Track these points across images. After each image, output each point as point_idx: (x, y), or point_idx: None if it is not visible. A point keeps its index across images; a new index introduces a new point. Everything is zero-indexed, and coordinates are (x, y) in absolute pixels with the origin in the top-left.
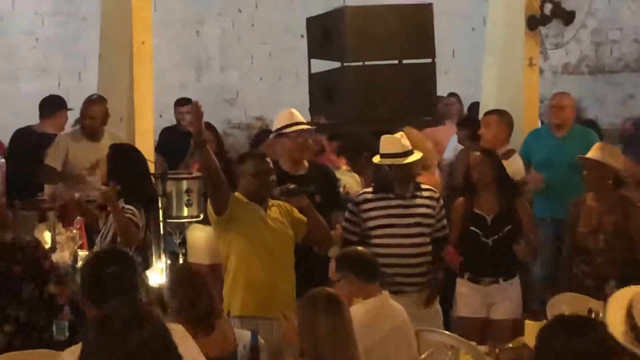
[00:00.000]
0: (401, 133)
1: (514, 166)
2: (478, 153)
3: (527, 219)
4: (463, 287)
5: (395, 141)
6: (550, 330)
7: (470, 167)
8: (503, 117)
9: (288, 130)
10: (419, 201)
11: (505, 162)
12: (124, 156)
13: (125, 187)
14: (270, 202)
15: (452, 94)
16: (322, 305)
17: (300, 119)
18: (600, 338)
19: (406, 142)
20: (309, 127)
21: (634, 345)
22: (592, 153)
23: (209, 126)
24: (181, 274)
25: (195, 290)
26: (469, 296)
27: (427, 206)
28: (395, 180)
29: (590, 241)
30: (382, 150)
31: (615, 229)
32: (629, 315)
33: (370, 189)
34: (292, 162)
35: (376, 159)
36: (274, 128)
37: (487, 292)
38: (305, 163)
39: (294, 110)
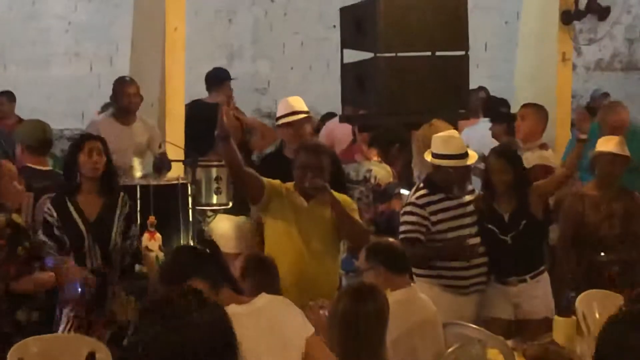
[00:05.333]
0: (454, 131)
1: (549, 157)
2: (495, 158)
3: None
4: (490, 289)
5: (455, 141)
6: (614, 324)
7: (489, 171)
8: (540, 110)
9: (283, 120)
10: (468, 198)
11: (545, 153)
12: None
13: None
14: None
15: (481, 88)
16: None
17: (297, 107)
18: None
19: (462, 142)
20: (303, 115)
21: None
22: (618, 148)
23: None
24: (253, 261)
25: (268, 277)
26: (494, 297)
27: (472, 203)
28: (455, 182)
29: (605, 227)
30: (440, 150)
31: (627, 213)
32: None
33: (424, 191)
34: (293, 150)
35: (433, 159)
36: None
37: (515, 292)
38: None
39: (292, 99)
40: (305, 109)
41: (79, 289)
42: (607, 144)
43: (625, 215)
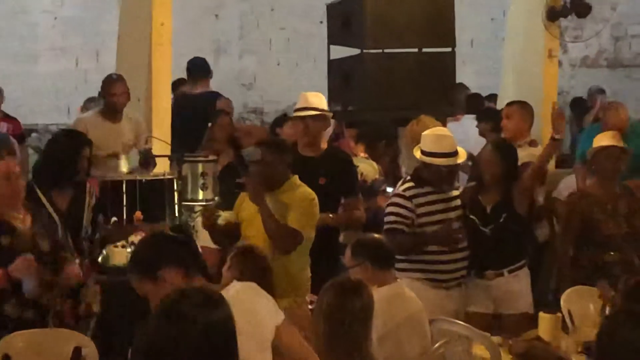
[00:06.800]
0: (444, 128)
1: (538, 154)
2: (490, 147)
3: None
4: (469, 283)
5: (446, 140)
6: (615, 321)
7: (480, 161)
8: (525, 108)
9: (295, 114)
10: (454, 193)
11: (534, 151)
12: None
13: None
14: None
15: (461, 84)
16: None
17: (313, 103)
18: None
19: (453, 140)
20: (316, 112)
21: None
22: (616, 141)
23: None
24: (242, 254)
25: (257, 269)
26: (473, 291)
27: (458, 198)
28: (445, 180)
29: (611, 225)
30: (431, 148)
31: (631, 212)
32: None
33: (411, 183)
34: (303, 145)
35: (423, 156)
36: None
37: (493, 286)
38: (323, 146)
39: (311, 95)
40: (323, 106)
41: (30, 285)
42: (601, 140)
43: (630, 214)
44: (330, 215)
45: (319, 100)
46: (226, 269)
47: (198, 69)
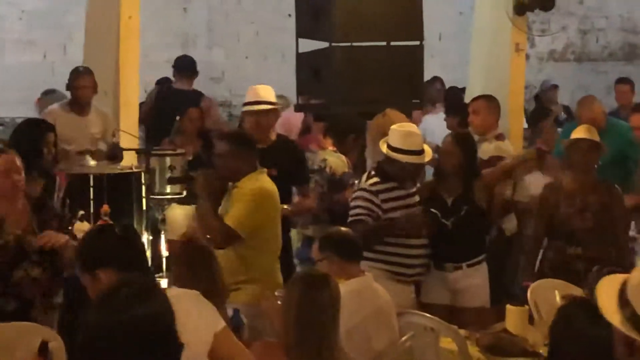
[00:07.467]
0: (413, 125)
1: (505, 148)
2: (449, 139)
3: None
4: (428, 275)
5: (414, 138)
6: (567, 315)
7: (440, 152)
8: (490, 102)
9: (246, 108)
10: (414, 190)
11: (502, 144)
12: None
13: None
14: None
15: (436, 78)
16: (297, 290)
17: (264, 97)
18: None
19: (421, 138)
20: (267, 106)
21: (634, 333)
22: (588, 134)
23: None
24: (182, 251)
25: (194, 267)
26: (431, 283)
27: (416, 194)
28: (409, 177)
29: (577, 220)
30: (398, 144)
31: (602, 208)
32: (622, 302)
33: (376, 179)
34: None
35: (390, 151)
36: None
37: (451, 279)
38: (272, 137)
39: (260, 88)
40: (273, 99)
41: None
42: (576, 134)
43: (600, 209)
44: (286, 206)
45: (269, 93)
46: (175, 264)
47: (186, 65)
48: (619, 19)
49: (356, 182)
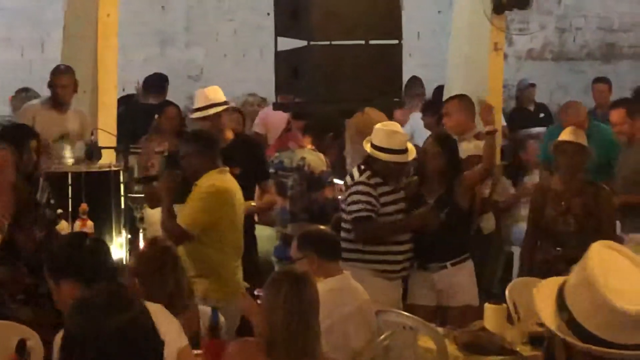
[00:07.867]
0: (397, 124)
1: None
2: (430, 140)
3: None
4: (412, 276)
5: (398, 137)
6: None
7: (422, 153)
8: (462, 101)
9: (198, 114)
10: (401, 185)
11: (481, 143)
12: None
13: None
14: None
15: (415, 78)
16: (283, 288)
17: (215, 99)
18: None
19: (405, 137)
20: (220, 108)
21: (567, 335)
22: (574, 137)
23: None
24: (149, 252)
25: (163, 269)
26: (417, 284)
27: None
28: (393, 176)
29: (560, 224)
30: (382, 143)
31: (585, 211)
32: (559, 305)
33: (370, 172)
34: None
35: (374, 150)
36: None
37: (436, 279)
38: (229, 136)
39: (209, 90)
40: (223, 99)
41: None
42: (563, 136)
43: (582, 213)
44: (253, 203)
45: (219, 95)
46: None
47: (154, 82)
48: (597, 19)
49: (335, 180)
